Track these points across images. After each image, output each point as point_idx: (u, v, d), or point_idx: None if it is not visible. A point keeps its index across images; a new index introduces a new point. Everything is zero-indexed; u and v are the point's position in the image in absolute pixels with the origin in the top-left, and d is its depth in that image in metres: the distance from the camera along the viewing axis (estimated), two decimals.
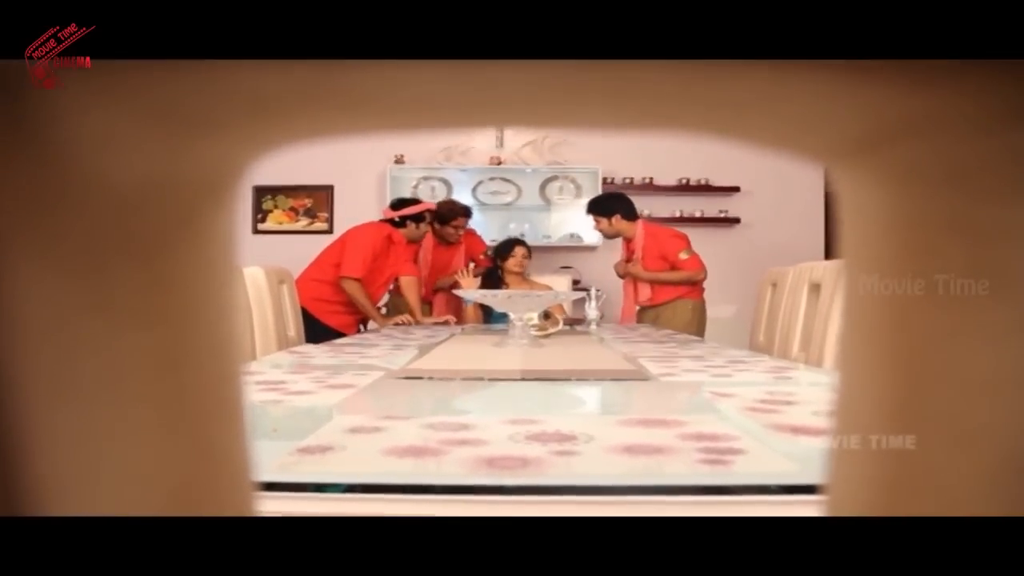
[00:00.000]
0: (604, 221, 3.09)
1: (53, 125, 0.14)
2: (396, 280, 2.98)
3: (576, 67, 0.14)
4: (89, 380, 0.15)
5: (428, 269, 3.27)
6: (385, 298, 3.10)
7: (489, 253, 3.49)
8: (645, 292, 3.07)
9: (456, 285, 2.91)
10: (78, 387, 0.15)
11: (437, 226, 3.20)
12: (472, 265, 3.17)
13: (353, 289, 2.74)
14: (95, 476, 0.15)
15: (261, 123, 0.16)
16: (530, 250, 3.22)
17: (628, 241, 3.13)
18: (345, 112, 0.16)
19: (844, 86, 0.15)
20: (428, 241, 3.22)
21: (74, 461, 0.15)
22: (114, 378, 0.15)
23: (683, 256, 2.99)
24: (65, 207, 0.14)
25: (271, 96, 0.14)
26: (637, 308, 3.16)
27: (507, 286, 3.05)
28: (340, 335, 2.46)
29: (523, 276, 3.16)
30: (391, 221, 2.96)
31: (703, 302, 3.08)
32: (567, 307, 3.21)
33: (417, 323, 2.90)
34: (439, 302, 3.31)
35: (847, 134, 0.17)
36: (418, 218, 2.98)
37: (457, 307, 3.23)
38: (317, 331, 2.54)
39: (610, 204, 3.13)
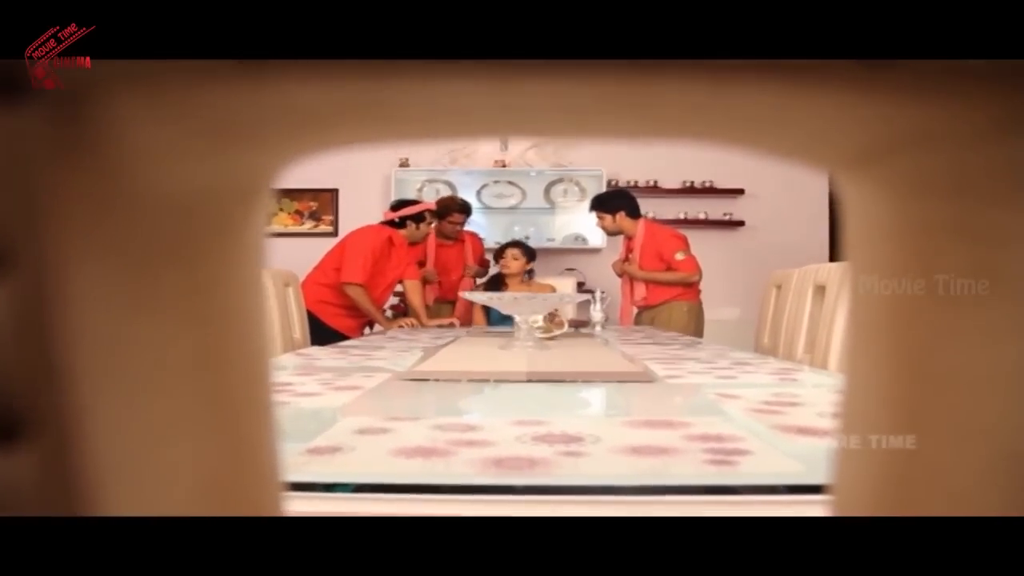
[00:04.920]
0: (608, 218, 3.09)
1: (111, 141, 0.14)
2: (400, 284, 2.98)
3: (592, 79, 0.15)
4: (136, 375, 0.15)
5: (433, 268, 3.28)
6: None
7: (487, 258, 3.50)
8: (640, 292, 3.06)
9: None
10: (127, 382, 0.15)
11: (436, 222, 3.19)
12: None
13: (356, 294, 2.73)
14: (138, 470, 0.16)
15: (298, 132, 0.16)
16: (528, 251, 3.20)
17: (628, 240, 3.13)
18: (382, 121, 0.16)
19: (853, 99, 0.15)
20: (431, 240, 3.21)
21: (122, 454, 0.15)
22: (160, 374, 0.16)
23: (679, 257, 2.98)
24: (119, 216, 0.15)
25: (310, 106, 0.15)
26: (634, 310, 3.16)
27: (507, 288, 3.05)
28: (345, 338, 2.46)
29: (521, 278, 3.15)
30: (391, 223, 2.95)
31: (699, 304, 3.08)
32: (572, 309, 3.20)
33: (422, 326, 2.90)
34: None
35: (856, 144, 0.18)
36: (418, 218, 2.97)
37: (467, 308, 3.23)
38: (322, 334, 2.54)
39: (614, 201, 3.13)
